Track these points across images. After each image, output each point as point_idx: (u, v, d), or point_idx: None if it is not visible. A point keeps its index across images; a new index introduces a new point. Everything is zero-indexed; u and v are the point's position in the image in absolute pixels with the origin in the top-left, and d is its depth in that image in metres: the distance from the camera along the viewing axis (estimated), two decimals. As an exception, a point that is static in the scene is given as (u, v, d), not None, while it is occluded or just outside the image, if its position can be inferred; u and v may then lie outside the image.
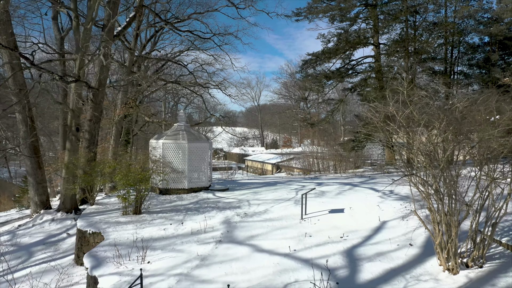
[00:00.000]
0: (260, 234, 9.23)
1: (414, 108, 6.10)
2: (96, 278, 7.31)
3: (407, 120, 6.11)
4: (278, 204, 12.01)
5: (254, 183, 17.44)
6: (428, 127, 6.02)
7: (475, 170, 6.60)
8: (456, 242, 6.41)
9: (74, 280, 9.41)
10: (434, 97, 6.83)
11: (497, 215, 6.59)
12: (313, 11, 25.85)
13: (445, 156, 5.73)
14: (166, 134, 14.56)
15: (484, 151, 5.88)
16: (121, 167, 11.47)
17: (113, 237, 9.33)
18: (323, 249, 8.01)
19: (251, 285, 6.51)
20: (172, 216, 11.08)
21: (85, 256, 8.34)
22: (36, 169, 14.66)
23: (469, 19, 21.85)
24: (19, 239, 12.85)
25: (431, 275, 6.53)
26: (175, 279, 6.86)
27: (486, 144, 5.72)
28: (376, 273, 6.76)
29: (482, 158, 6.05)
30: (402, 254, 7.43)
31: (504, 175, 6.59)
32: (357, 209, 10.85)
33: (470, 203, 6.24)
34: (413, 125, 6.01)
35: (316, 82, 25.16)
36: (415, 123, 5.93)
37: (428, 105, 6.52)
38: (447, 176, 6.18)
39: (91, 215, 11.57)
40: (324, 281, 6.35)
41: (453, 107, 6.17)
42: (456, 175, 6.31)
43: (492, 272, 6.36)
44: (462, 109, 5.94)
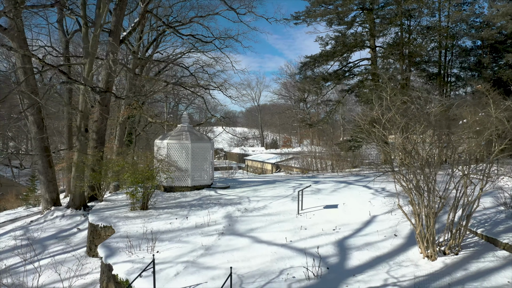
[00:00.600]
0: (259, 227, 9.99)
1: (396, 112, 6.86)
2: (111, 265, 8.07)
3: (390, 122, 6.87)
4: (276, 201, 12.78)
5: (254, 182, 18.20)
6: (409, 129, 6.77)
7: (451, 168, 7.36)
8: (433, 231, 7.17)
9: (88, 269, 10.17)
10: (420, 100, 7.37)
11: (471, 208, 7.35)
12: (312, 14, 26.60)
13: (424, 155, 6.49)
14: (170, 135, 15.32)
15: (454, 151, 6.63)
16: (129, 166, 12.23)
17: (123, 230, 10.09)
18: (317, 240, 8.77)
19: (251, 271, 7.27)
20: (177, 211, 11.85)
21: (99, 246, 9.09)
22: (47, 168, 15.42)
23: (461, 23, 22.62)
24: (33, 234, 13.62)
25: (412, 261, 7.29)
26: (183, 266, 7.62)
27: (456, 145, 6.47)
28: (363, 260, 7.52)
29: (454, 157, 6.80)
30: (388, 244, 8.19)
31: (478, 172, 7.36)
32: (350, 204, 11.61)
33: (443, 196, 7.00)
34: (395, 127, 6.76)
35: (314, 83, 25.92)
36: (396, 126, 6.68)
37: (409, 110, 7.28)
38: (425, 173, 6.94)
39: (101, 211, 12.34)
40: (316, 267, 7.11)
41: (429, 111, 6.93)
42: (434, 172, 7.07)
43: (466, 259, 7.12)
44: (437, 114, 6.68)
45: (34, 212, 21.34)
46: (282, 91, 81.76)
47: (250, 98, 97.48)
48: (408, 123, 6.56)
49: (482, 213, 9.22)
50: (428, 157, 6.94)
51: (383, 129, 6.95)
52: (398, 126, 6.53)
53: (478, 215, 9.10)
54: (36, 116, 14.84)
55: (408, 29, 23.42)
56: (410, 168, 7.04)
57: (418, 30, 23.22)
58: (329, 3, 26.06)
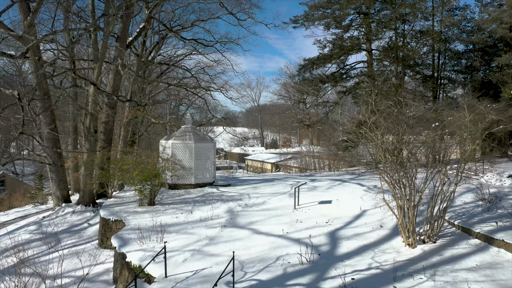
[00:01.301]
0: (258, 220, 10.87)
1: (380, 115, 7.71)
2: (125, 254, 8.94)
3: (375, 125, 7.72)
4: (275, 197, 13.65)
5: (253, 180, 19.07)
6: (391, 131, 7.63)
7: (429, 166, 8.22)
8: (414, 222, 8.04)
9: (101, 259, 11.04)
10: (402, 104, 8.06)
11: (447, 202, 8.21)
12: (310, 18, 27.44)
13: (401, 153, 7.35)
14: (175, 135, 16.18)
15: (429, 151, 7.49)
16: (138, 164, 13.10)
17: (134, 223, 10.96)
18: (311, 231, 9.64)
19: (250, 257, 8.14)
20: (182, 207, 12.72)
21: (112, 237, 9.96)
22: (58, 167, 16.29)
23: (453, 28, 23.47)
24: (46, 229, 14.49)
25: (394, 248, 8.16)
26: (189, 253, 8.50)
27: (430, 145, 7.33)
28: (351, 248, 8.39)
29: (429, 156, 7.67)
30: (374, 234, 9.07)
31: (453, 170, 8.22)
32: (343, 200, 12.48)
33: (421, 190, 7.87)
34: (379, 129, 7.62)
35: (312, 85, 26.77)
36: (380, 128, 7.54)
37: (392, 113, 8.13)
38: (405, 169, 7.81)
39: (111, 206, 13.21)
40: (309, 254, 7.98)
41: (408, 115, 7.80)
42: (413, 169, 7.94)
43: (442, 246, 7.99)
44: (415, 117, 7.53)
45: (42, 209, 22.22)
46: (282, 91, 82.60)
47: (250, 99, 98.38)
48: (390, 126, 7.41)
49: (461, 207, 10.09)
50: (409, 155, 7.81)
51: (370, 131, 7.82)
52: (381, 128, 7.39)
53: (458, 208, 9.97)
54: (48, 118, 15.72)
55: (403, 33, 24.28)
56: (392, 165, 7.90)
57: (412, 35, 24.09)
58: (327, 7, 26.93)
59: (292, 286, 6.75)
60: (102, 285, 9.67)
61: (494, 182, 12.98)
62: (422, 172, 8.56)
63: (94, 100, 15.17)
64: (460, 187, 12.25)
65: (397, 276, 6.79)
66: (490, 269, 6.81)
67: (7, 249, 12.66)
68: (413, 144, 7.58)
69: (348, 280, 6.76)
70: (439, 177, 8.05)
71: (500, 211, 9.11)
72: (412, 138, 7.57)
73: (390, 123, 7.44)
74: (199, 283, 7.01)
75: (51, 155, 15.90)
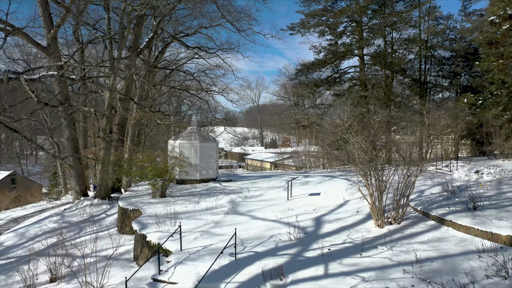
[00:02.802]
0: (256, 209, 12.71)
1: (354, 120, 9.51)
2: (145, 235, 10.78)
3: (350, 128, 9.54)
4: (271, 190, 15.49)
5: (252, 176, 20.91)
6: (363, 133, 9.44)
7: (396, 162, 10.05)
8: (382, 206, 9.88)
9: (121, 242, 12.87)
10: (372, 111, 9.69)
11: (409, 191, 10.05)
12: (305, 25, 29.24)
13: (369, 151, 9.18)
14: (181, 136, 18.01)
15: (390, 150, 9.32)
16: (151, 162, 14.93)
17: (149, 212, 12.80)
18: (300, 217, 11.47)
19: (249, 236, 9.98)
20: (190, 198, 14.56)
21: (133, 222, 11.81)
22: (77, 164, 18.12)
23: (437, 36, 25.25)
24: (68, 219, 16.33)
25: (366, 229, 10.00)
26: (199, 233, 10.34)
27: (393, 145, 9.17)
28: (331, 229, 10.23)
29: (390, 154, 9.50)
30: (352, 219, 10.91)
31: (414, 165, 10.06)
32: (330, 192, 14.32)
33: (385, 181, 9.70)
34: (352, 131, 9.43)
35: (307, 89, 28.57)
36: (353, 130, 9.34)
37: (364, 118, 9.94)
38: (375, 164, 9.65)
39: (127, 199, 15.05)
40: (296, 233, 9.81)
41: (376, 120, 9.59)
42: (381, 164, 9.77)
43: (404, 226, 9.83)
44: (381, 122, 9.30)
45: (57, 204, 24.07)
46: (281, 92, 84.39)
47: (250, 100, 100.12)
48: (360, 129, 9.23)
49: (427, 197, 11.93)
50: (377, 153, 9.64)
51: (346, 133, 9.65)
52: (355, 131, 9.21)
53: (424, 198, 11.81)
54: (68, 121, 17.55)
55: (391, 41, 26.09)
56: (364, 160, 9.74)
57: (399, 42, 25.90)
58: (322, 15, 28.74)
59: (281, 255, 8.59)
60: (125, 262, 11.51)
61: (463, 177, 14.83)
62: (391, 167, 10.40)
63: (110, 104, 17.00)
64: (432, 181, 14.18)
65: (364, 248, 8.63)
66: (437, 242, 8.65)
67: (37, 235, 14.52)
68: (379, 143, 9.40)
69: (326, 251, 8.60)
70: (402, 171, 9.88)
71: (456, 200, 10.95)
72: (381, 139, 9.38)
73: (361, 126, 9.25)
74: (208, 254, 8.85)
75: (71, 154, 17.72)
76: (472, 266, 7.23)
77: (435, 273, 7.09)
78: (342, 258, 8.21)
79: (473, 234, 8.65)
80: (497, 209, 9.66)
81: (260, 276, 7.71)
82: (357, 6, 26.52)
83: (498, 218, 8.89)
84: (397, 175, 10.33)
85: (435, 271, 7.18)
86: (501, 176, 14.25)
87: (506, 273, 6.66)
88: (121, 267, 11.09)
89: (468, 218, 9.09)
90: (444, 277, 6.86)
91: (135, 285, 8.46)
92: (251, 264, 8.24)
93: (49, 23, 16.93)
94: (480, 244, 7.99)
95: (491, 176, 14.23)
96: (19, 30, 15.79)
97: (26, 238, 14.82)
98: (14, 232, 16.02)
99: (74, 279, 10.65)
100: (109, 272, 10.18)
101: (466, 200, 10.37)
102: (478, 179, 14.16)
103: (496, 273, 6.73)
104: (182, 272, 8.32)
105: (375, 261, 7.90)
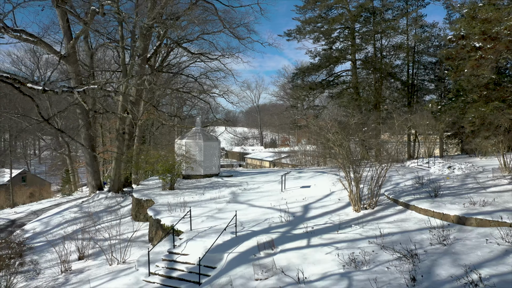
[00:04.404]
0: (254, 198, 14.65)
1: (334, 122, 11.41)
2: (159, 219, 12.72)
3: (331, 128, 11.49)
4: (267, 184, 17.44)
5: (251, 172, 22.85)
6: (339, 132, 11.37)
7: (371, 158, 11.98)
8: (358, 194, 11.80)
9: (136, 228, 14.82)
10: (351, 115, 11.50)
11: (381, 182, 11.99)
12: (301, 32, 31.18)
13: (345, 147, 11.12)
14: (187, 135, 19.95)
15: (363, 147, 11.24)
16: (161, 158, 16.89)
17: (161, 201, 14.75)
18: (291, 205, 13.40)
19: (247, 220, 11.91)
20: (195, 190, 16.50)
21: (148, 209, 13.76)
22: (93, 161, 20.05)
23: (423, 43, 27.15)
24: (87, 210, 18.28)
25: (345, 213, 11.93)
26: (205, 217, 12.29)
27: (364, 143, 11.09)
28: (316, 213, 12.17)
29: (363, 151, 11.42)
30: (334, 206, 12.85)
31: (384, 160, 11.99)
32: (319, 185, 16.26)
33: (360, 172, 11.64)
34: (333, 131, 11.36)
35: (303, 91, 30.53)
36: (332, 130, 11.26)
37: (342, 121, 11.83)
38: (352, 158, 11.59)
39: (140, 191, 17.00)
40: (287, 217, 11.74)
41: (352, 122, 11.49)
42: (357, 159, 11.70)
43: (377, 211, 11.76)
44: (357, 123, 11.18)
45: (71, 199, 26.05)
46: (281, 93, 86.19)
47: (250, 100, 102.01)
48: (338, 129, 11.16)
49: (401, 188, 13.85)
50: (355, 149, 11.57)
51: (327, 133, 11.59)
52: (335, 131, 11.13)
53: (398, 189, 13.73)
54: (86, 122, 19.50)
55: (380, 47, 28.05)
56: (342, 156, 11.68)
57: (388, 49, 27.84)
58: (317, 21, 30.66)
59: (273, 233, 10.53)
60: (141, 243, 13.45)
61: (437, 172, 16.76)
62: (368, 163, 12.33)
63: (123, 106, 18.93)
64: (409, 175, 16.12)
65: (341, 227, 10.57)
66: (401, 222, 10.57)
67: (61, 223, 16.47)
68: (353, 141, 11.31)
69: (309, 229, 10.53)
70: (375, 165, 11.82)
71: (424, 189, 12.85)
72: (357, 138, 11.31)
73: (341, 127, 11.17)
74: (213, 233, 10.80)
75: (88, 152, 19.67)
76: (422, 238, 9.15)
77: (393, 243, 9.01)
78: (322, 234, 10.15)
79: (430, 215, 10.57)
80: (454, 196, 11.59)
81: (256, 248, 9.66)
82: (349, 14, 28.45)
83: (452, 203, 10.82)
84: (373, 169, 12.26)
85: (393, 241, 9.10)
86: (470, 171, 16.17)
87: (445, 241, 8.59)
88: (138, 247, 13.03)
89: (428, 203, 11.01)
90: (399, 245, 8.78)
91: (154, 257, 10.40)
92: (248, 240, 10.18)
93: (69, 34, 18.87)
94: (434, 223, 9.91)
95: (461, 171, 16.15)
96: (41, 41, 17.75)
97: (51, 226, 16.78)
98: (39, 222, 17.99)
99: (98, 257, 12.64)
100: (130, 251, 12.14)
101: (430, 190, 12.28)
102: (450, 173, 16.09)
103: (438, 242, 8.66)
104: (193, 246, 10.27)
105: (348, 236, 9.83)
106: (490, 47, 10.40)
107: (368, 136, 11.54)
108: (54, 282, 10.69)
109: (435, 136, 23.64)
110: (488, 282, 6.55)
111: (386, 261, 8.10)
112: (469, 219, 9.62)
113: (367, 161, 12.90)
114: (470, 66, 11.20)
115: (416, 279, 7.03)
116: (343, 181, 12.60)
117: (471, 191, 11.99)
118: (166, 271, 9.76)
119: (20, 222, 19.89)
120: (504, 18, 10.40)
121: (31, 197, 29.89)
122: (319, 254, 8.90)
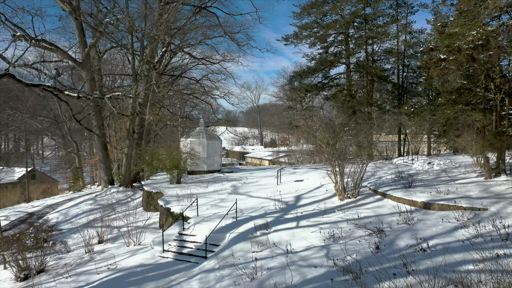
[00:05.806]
0: (252, 190, 16.45)
1: (321, 123, 13.18)
2: (169, 208, 14.53)
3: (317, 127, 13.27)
4: (265, 178, 19.24)
5: (250, 169, 24.66)
6: (328, 131, 13.14)
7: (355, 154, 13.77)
8: (343, 185, 13.59)
9: (147, 217, 16.62)
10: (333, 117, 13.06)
11: (361, 174, 13.78)
12: (298, 37, 32.97)
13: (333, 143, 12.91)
14: (192, 135, 21.76)
15: (345, 145, 13.03)
16: (169, 155, 18.71)
17: (169, 193, 16.56)
18: (285, 195, 15.20)
19: (246, 207, 13.72)
20: (200, 184, 18.31)
21: (159, 200, 15.57)
22: (105, 158, 21.85)
23: (411, 48, 28.94)
24: (101, 202, 20.09)
25: (331, 202, 13.72)
26: (210, 206, 14.10)
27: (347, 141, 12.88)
28: (306, 202, 13.97)
29: (346, 148, 13.21)
30: (322, 196, 14.65)
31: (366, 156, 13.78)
32: (311, 179, 18.05)
33: (344, 165, 13.44)
34: (319, 130, 13.13)
35: (300, 93, 32.32)
36: (319, 129, 13.04)
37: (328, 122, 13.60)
38: (337, 154, 13.38)
39: (150, 185, 18.81)
40: (280, 205, 13.54)
41: (337, 122, 13.26)
42: (342, 154, 13.49)
43: (359, 199, 13.55)
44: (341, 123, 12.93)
45: (82, 194, 27.85)
46: (280, 93, 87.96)
47: (250, 101, 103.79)
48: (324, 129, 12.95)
49: (382, 180, 15.64)
50: (343, 147, 13.36)
51: (315, 132, 13.39)
52: (321, 130, 12.92)
53: (379, 181, 15.52)
54: (99, 122, 21.30)
55: (372, 53, 29.84)
56: (327, 151, 13.47)
57: (379, 54, 29.65)
58: (313, 27, 32.45)
59: (268, 217, 12.33)
60: (153, 229, 15.25)
61: (418, 167, 18.54)
62: (352, 158, 14.11)
63: (133, 108, 20.74)
64: (391, 170, 17.87)
65: (326, 212, 12.37)
66: (377, 208, 12.36)
67: (79, 214, 18.28)
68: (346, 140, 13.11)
69: (299, 214, 12.33)
70: (357, 160, 13.61)
71: (402, 182, 14.64)
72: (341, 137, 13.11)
73: (327, 127, 12.95)
74: (217, 218, 12.60)
75: (100, 150, 21.47)
76: (392, 219, 10.94)
77: (368, 224, 10.80)
78: (309, 218, 11.95)
79: (402, 202, 12.36)
80: (425, 187, 13.38)
81: (253, 229, 11.46)
82: (343, 20, 30.23)
83: (422, 192, 12.61)
84: (356, 164, 14.05)
85: (368, 222, 10.89)
86: (448, 166, 17.96)
87: (409, 221, 10.38)
88: (150, 232, 14.82)
89: (402, 192, 12.80)
90: (372, 225, 10.57)
91: (166, 238, 12.21)
92: (247, 223, 11.99)
93: (84, 43, 20.68)
94: (404, 208, 11.69)
95: (439, 167, 17.94)
96: (59, 49, 19.58)
97: (70, 216, 18.60)
98: (58, 213, 19.81)
99: (116, 241, 14.44)
100: (143, 235, 13.95)
101: (406, 182, 14.07)
102: (429, 169, 17.88)
103: (404, 222, 10.45)
104: (199, 229, 12.09)
105: (331, 219, 11.63)
106: (452, 59, 12.14)
107: (353, 135, 13.32)
108: (81, 260, 12.50)
109: (424, 136, 25.41)
110: (435, 248, 8.33)
111: (359, 236, 9.89)
112: (433, 204, 11.41)
113: (357, 157, 14.66)
114: (436, 75, 12.91)
115: (379, 248, 8.83)
116: (330, 175, 14.40)
117: (441, 183, 13.77)
118: (177, 248, 11.58)
119: (38, 215, 21.71)
120: (465, 34, 12.13)
121: (44, 193, 31.70)
122: (306, 233, 10.69)
